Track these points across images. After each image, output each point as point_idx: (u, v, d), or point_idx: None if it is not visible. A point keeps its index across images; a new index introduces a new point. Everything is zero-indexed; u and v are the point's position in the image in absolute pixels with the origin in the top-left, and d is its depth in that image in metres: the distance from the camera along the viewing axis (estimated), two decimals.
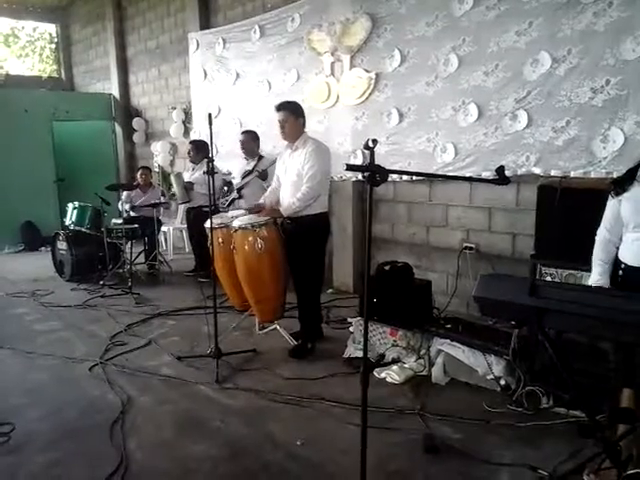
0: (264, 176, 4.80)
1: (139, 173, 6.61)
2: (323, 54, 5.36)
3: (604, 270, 2.35)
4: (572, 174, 3.70)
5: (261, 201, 4.11)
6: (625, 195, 2.26)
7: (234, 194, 4.82)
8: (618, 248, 2.35)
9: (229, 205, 5.02)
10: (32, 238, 8.42)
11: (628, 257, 2.29)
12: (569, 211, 3.17)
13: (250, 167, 5.18)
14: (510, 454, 2.52)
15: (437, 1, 4.37)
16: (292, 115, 3.71)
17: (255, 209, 4.00)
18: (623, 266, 2.32)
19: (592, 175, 3.62)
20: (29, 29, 10.80)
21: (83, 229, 6.05)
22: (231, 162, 6.59)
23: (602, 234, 2.39)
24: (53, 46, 11.05)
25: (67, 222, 6.21)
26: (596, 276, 2.36)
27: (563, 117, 3.74)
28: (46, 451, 2.66)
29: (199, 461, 2.56)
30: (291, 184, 3.75)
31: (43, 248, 7.99)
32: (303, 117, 3.78)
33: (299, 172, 3.68)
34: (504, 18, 3.98)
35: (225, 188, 4.78)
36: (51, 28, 10.95)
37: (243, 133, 5.40)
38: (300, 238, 3.74)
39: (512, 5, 3.92)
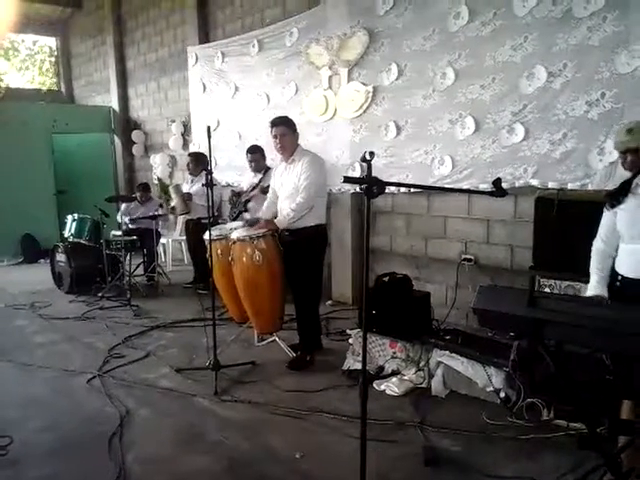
0: (267, 191, 4.82)
1: (139, 194, 6.59)
2: (321, 68, 5.41)
3: (601, 278, 2.35)
4: (569, 186, 3.73)
5: (259, 215, 4.11)
6: (620, 207, 2.28)
7: (240, 207, 4.85)
8: (614, 259, 2.37)
9: (236, 218, 5.04)
10: (31, 250, 8.40)
11: (624, 268, 2.30)
12: (567, 223, 3.19)
13: (257, 180, 5.21)
14: (511, 467, 2.51)
15: (433, 16, 4.43)
16: (289, 129, 3.75)
17: (252, 222, 4.00)
18: (620, 277, 2.33)
19: (589, 187, 3.64)
20: (29, 42, 10.89)
21: (82, 241, 6.05)
22: (229, 174, 6.63)
23: (598, 245, 2.40)
24: (53, 59, 11.12)
25: (66, 234, 6.21)
26: (593, 283, 2.37)
27: (559, 130, 3.78)
28: (44, 464, 2.64)
29: (198, 475, 2.54)
30: (288, 197, 3.77)
31: (42, 260, 7.98)
32: (296, 130, 3.82)
33: (296, 185, 3.70)
34: (499, 33, 4.02)
35: (234, 199, 4.77)
36: (51, 41, 11.02)
37: (252, 152, 5.30)
38: (298, 250, 3.75)
39: (507, 20, 3.97)
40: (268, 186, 4.72)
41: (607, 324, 1.72)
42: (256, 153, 5.31)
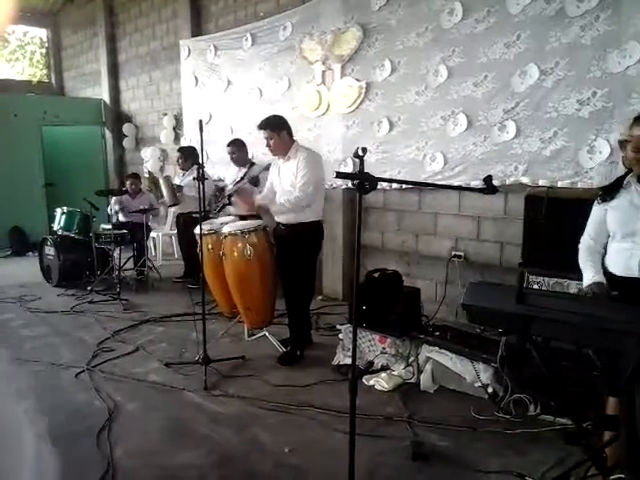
0: (255, 182, 4.81)
1: (128, 183, 6.55)
2: (314, 63, 5.40)
3: (597, 269, 2.32)
4: (559, 184, 3.75)
5: (257, 199, 4.06)
6: (611, 204, 2.29)
7: (224, 200, 4.85)
8: (602, 257, 2.37)
9: (219, 211, 5.03)
10: (19, 243, 8.34)
11: (613, 266, 2.31)
12: (556, 220, 3.21)
13: (242, 174, 5.20)
14: (497, 461, 2.53)
15: (427, 13, 4.43)
16: (274, 132, 3.70)
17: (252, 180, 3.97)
18: (608, 276, 2.34)
19: (579, 185, 3.67)
20: (19, 33, 10.74)
21: (71, 234, 5.99)
22: (221, 168, 6.60)
23: (586, 242, 2.40)
24: (43, 51, 10.99)
25: (55, 227, 6.15)
26: (590, 274, 2.32)
27: (550, 128, 3.80)
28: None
29: (186, 469, 2.54)
30: (285, 194, 3.74)
31: (30, 253, 7.91)
32: (286, 129, 3.75)
33: (292, 182, 3.68)
34: (493, 30, 4.03)
35: (217, 194, 4.77)
36: (42, 33, 10.89)
37: (230, 145, 5.38)
38: (293, 245, 3.74)
39: (501, 18, 3.98)
40: (256, 177, 4.72)
41: (595, 320, 1.73)
42: (232, 146, 5.35)
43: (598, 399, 2.37)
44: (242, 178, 5.11)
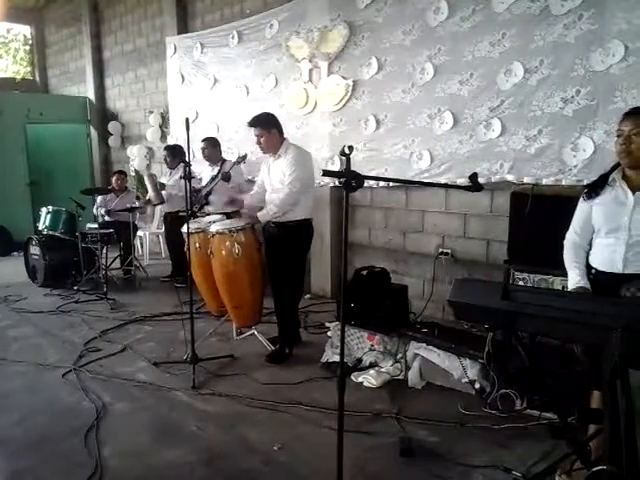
0: (227, 178, 4.80)
1: (114, 178, 6.54)
2: (301, 60, 5.39)
3: (581, 271, 2.34)
4: (544, 181, 3.79)
5: (246, 199, 4.08)
6: (596, 201, 2.31)
7: (202, 200, 4.87)
8: (587, 253, 2.40)
9: (198, 211, 5.03)
10: (4, 243, 8.22)
11: (598, 262, 2.34)
12: (541, 217, 3.25)
13: (215, 172, 5.23)
14: (484, 456, 2.56)
15: (413, 11, 4.44)
16: (264, 129, 3.71)
17: (231, 202, 3.99)
18: (593, 271, 2.37)
19: (563, 182, 3.71)
20: (3, 30, 10.61)
21: (57, 234, 5.94)
22: (204, 166, 6.58)
23: (571, 238, 2.43)
24: (27, 48, 10.86)
25: (40, 227, 6.09)
26: (576, 277, 2.34)
27: (535, 126, 3.83)
28: (19, 459, 2.61)
29: (175, 467, 2.54)
30: (274, 191, 3.75)
31: (15, 253, 7.80)
32: (276, 127, 3.75)
33: (282, 180, 3.68)
34: (478, 29, 4.06)
35: (195, 194, 4.79)
36: (26, 30, 10.76)
37: (203, 141, 5.45)
38: (282, 243, 3.74)
39: (486, 16, 4.00)
40: (227, 172, 4.72)
41: (579, 315, 1.75)
42: (206, 142, 5.42)
43: (583, 393, 2.41)
44: (216, 176, 5.12)
